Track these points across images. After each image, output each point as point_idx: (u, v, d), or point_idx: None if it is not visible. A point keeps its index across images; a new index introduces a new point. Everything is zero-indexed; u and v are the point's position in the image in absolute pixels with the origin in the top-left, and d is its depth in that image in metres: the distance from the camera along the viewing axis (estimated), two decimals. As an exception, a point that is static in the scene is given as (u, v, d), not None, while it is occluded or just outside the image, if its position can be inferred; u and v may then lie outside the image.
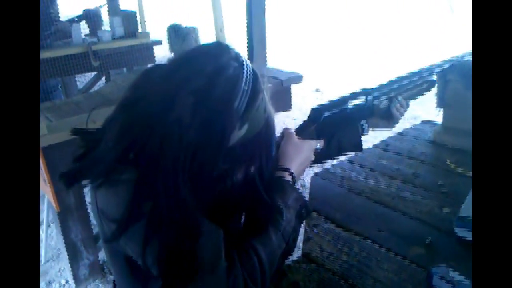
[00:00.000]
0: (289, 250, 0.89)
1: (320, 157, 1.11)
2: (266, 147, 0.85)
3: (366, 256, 1.10)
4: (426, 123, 1.93)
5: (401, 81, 1.22)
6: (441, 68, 1.37)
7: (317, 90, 5.52)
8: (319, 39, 8.65)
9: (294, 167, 0.95)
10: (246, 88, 0.77)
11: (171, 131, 0.72)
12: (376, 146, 1.72)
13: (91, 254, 2.29)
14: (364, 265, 1.07)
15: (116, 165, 0.75)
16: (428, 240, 1.13)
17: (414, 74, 1.26)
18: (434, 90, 1.65)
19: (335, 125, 1.09)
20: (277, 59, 5.60)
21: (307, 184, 2.50)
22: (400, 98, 1.21)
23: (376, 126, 1.23)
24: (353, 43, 8.20)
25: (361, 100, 1.13)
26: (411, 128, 1.89)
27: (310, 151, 1.01)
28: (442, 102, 1.68)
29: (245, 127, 0.78)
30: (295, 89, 2.76)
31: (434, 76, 1.35)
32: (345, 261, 1.09)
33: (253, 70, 0.80)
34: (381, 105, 1.19)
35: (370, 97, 1.14)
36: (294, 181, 0.94)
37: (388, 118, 1.21)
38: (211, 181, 0.81)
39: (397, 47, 7.60)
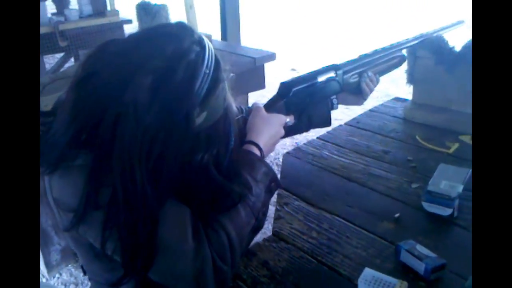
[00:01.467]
0: (259, 225, 0.87)
1: (289, 131, 1.10)
2: (224, 137, 0.82)
3: (335, 233, 1.11)
4: (397, 99, 1.93)
5: (371, 56, 1.22)
6: (411, 44, 1.36)
7: (293, 70, 5.50)
8: (294, 18, 8.58)
9: (262, 141, 0.93)
10: (208, 72, 0.74)
11: (126, 112, 0.68)
12: (347, 123, 1.72)
13: (63, 239, 2.25)
14: (334, 242, 1.07)
15: (69, 149, 0.71)
16: (397, 215, 1.14)
17: (384, 49, 1.25)
18: (404, 66, 1.66)
19: (304, 100, 1.08)
20: (252, 38, 5.55)
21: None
22: (370, 73, 1.20)
23: (346, 102, 1.22)
24: (329, 21, 8.17)
25: (331, 74, 1.12)
26: (382, 105, 1.90)
27: (280, 125, 0.99)
28: (412, 78, 1.69)
29: (204, 114, 0.75)
30: (270, 68, 2.73)
31: (404, 52, 1.34)
32: (315, 238, 1.09)
33: (215, 57, 0.77)
34: (351, 80, 1.18)
35: (340, 71, 1.13)
36: (262, 155, 0.92)
37: (358, 93, 1.21)
38: (174, 167, 0.78)
39: (373, 25, 7.60)
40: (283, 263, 1.02)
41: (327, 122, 1.18)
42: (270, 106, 1.03)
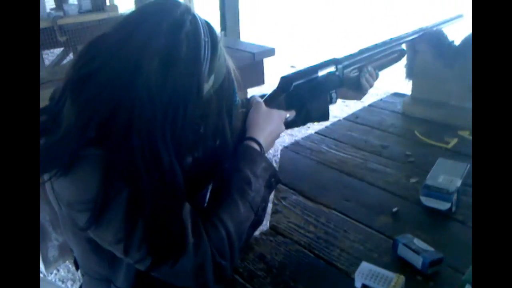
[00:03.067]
0: (258, 220, 0.87)
1: (288, 124, 1.09)
2: (230, 94, 0.82)
3: (333, 227, 1.10)
4: (396, 94, 1.92)
5: (371, 51, 1.21)
6: (410, 38, 1.36)
7: (292, 67, 5.49)
8: (294, 15, 8.56)
9: (262, 136, 0.92)
10: (207, 39, 0.73)
11: (141, 97, 0.68)
12: (346, 118, 1.72)
13: (60, 235, 2.24)
14: (331, 236, 1.07)
15: (82, 149, 0.70)
16: (395, 209, 1.14)
17: (384, 43, 1.24)
18: (404, 61, 1.65)
19: (304, 94, 1.07)
20: (251, 34, 5.53)
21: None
22: (369, 68, 1.19)
23: (345, 97, 1.21)
24: (329, 17, 8.14)
25: (332, 69, 1.11)
26: (381, 100, 1.89)
27: (280, 121, 0.98)
28: (411, 73, 1.68)
29: (212, 77, 0.75)
30: (270, 65, 2.72)
31: (404, 46, 1.33)
32: (312, 232, 1.09)
33: (205, 20, 0.77)
34: (352, 75, 1.17)
35: (340, 66, 1.12)
36: (262, 150, 0.92)
37: (357, 88, 1.20)
38: (191, 144, 0.77)
39: (373, 22, 7.58)
40: (280, 257, 1.02)
41: (325, 116, 1.16)
42: (271, 100, 1.01)
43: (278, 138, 1.00)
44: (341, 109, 3.48)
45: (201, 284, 0.77)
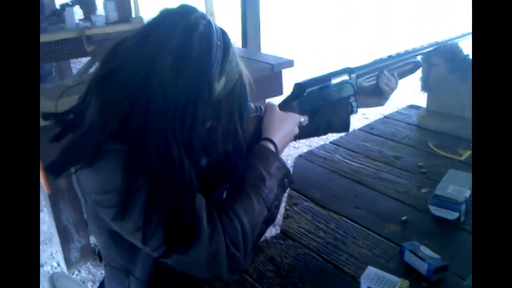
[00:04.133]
0: (271, 217, 0.91)
1: (308, 133, 1.13)
2: (241, 97, 0.87)
3: (342, 233, 1.13)
4: (412, 107, 1.94)
5: (385, 61, 1.23)
6: (425, 50, 1.37)
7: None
8: (316, 28, 8.61)
9: (277, 137, 0.97)
10: (219, 43, 0.78)
11: (155, 95, 0.73)
12: (361, 129, 1.74)
13: (82, 237, 2.31)
14: (340, 242, 1.10)
15: (104, 143, 0.76)
16: (404, 218, 1.16)
17: (398, 55, 1.27)
18: (419, 73, 1.68)
19: (318, 101, 1.10)
20: (272, 45, 5.60)
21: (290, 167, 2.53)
22: (386, 72, 1.21)
23: (366, 105, 1.24)
24: (349, 33, 8.16)
25: (345, 77, 1.14)
26: (396, 112, 1.91)
27: (294, 124, 1.03)
28: (426, 85, 1.70)
29: (223, 79, 0.80)
30: (289, 76, 2.76)
31: (419, 58, 1.35)
32: (321, 237, 1.12)
33: (220, 27, 0.82)
34: (365, 84, 1.19)
35: (353, 75, 1.15)
36: (277, 151, 0.96)
37: (378, 94, 1.22)
38: (204, 143, 0.82)
39: (390, 43, 7.57)
40: (289, 260, 1.05)
41: (346, 127, 1.20)
42: (285, 105, 1.06)
43: (292, 140, 1.04)
44: (359, 121, 3.49)
45: (215, 275, 0.81)
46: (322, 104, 1.12)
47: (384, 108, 2.16)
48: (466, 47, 1.58)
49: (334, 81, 1.12)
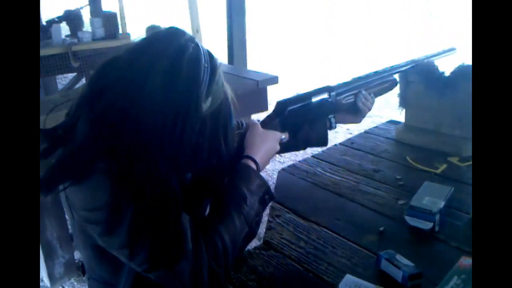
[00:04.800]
0: (252, 233, 0.94)
1: (286, 148, 1.17)
2: (226, 117, 0.91)
3: (322, 243, 1.17)
4: (391, 122, 2.01)
5: (363, 80, 1.29)
6: (402, 69, 1.43)
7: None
8: (300, 43, 8.75)
9: (258, 155, 1.01)
10: (206, 65, 0.83)
11: (145, 114, 0.76)
12: (342, 144, 1.80)
13: (67, 253, 2.30)
14: (320, 252, 1.14)
15: (95, 160, 0.78)
16: (381, 228, 1.20)
17: (376, 73, 1.32)
18: (397, 90, 1.74)
19: (299, 118, 1.15)
20: (257, 62, 5.67)
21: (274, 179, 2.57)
22: (364, 92, 1.26)
23: (344, 121, 1.30)
24: (333, 46, 8.31)
25: (325, 96, 1.19)
26: (376, 127, 1.97)
27: (275, 141, 1.07)
28: (404, 102, 1.76)
29: (209, 99, 0.84)
30: (274, 92, 2.82)
31: (396, 76, 1.41)
32: (302, 248, 1.16)
33: (207, 50, 0.87)
34: (344, 101, 1.25)
35: (333, 93, 1.21)
36: (258, 168, 1.01)
37: (355, 112, 1.28)
38: (189, 159, 0.85)
39: (376, 49, 7.73)
40: (271, 269, 1.09)
41: (324, 142, 1.25)
42: (266, 123, 1.10)
43: (274, 156, 1.08)
44: (344, 136, 3.56)
45: None
46: (302, 121, 1.16)
47: (368, 125, 2.24)
48: (442, 64, 1.65)
49: (315, 99, 1.17)
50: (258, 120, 1.19)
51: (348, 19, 9.96)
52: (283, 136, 1.11)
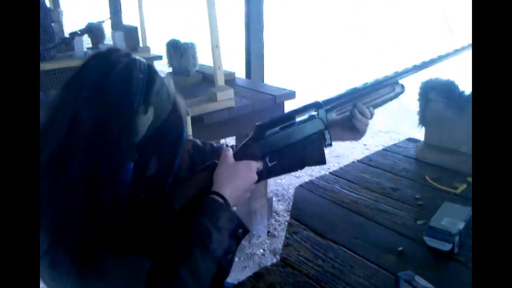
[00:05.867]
0: (222, 271, 0.87)
1: (281, 170, 1.16)
2: (177, 128, 0.93)
3: (340, 262, 1.16)
4: (410, 140, 2.00)
5: (359, 91, 1.13)
6: (405, 75, 1.20)
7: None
8: (318, 58, 8.78)
9: (227, 190, 0.94)
10: (141, 76, 0.85)
11: (77, 123, 0.80)
12: (360, 161, 1.79)
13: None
14: (338, 270, 1.13)
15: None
16: (400, 248, 1.19)
17: (376, 81, 1.16)
18: (416, 107, 1.73)
19: (281, 141, 1.06)
20: (274, 76, 5.71)
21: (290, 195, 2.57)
22: (359, 106, 1.12)
23: (342, 138, 1.18)
24: (352, 62, 8.32)
25: (311, 113, 1.08)
26: (395, 145, 1.97)
27: (248, 172, 0.99)
28: (423, 120, 1.76)
29: (151, 110, 0.86)
30: (291, 106, 2.82)
31: (401, 82, 1.19)
32: (320, 266, 1.15)
33: (147, 62, 0.89)
34: (337, 117, 1.12)
35: (321, 109, 1.09)
36: (226, 203, 0.92)
37: (352, 129, 1.15)
38: (125, 187, 0.86)
39: (394, 67, 7.71)
40: (289, 287, 1.08)
41: (322, 161, 1.18)
42: (242, 151, 1.03)
43: (252, 187, 1.00)
44: (361, 152, 3.55)
45: None
46: (287, 143, 1.07)
47: (386, 140, 2.22)
48: (462, 83, 1.65)
49: (299, 118, 1.07)
50: (232, 146, 1.16)
51: (370, 35, 9.98)
52: (259, 165, 1.03)
